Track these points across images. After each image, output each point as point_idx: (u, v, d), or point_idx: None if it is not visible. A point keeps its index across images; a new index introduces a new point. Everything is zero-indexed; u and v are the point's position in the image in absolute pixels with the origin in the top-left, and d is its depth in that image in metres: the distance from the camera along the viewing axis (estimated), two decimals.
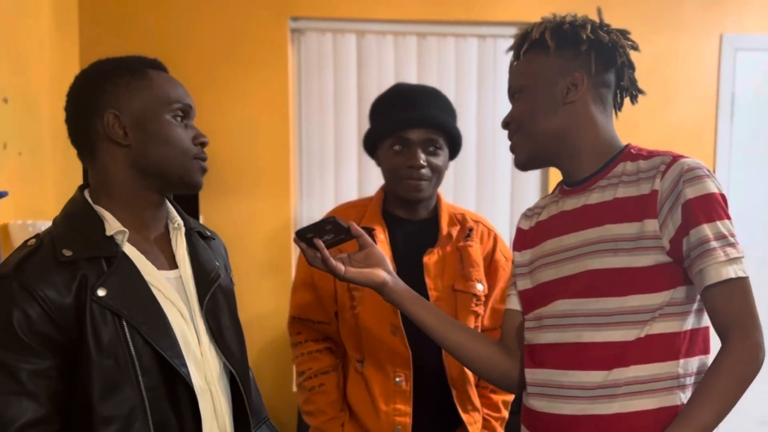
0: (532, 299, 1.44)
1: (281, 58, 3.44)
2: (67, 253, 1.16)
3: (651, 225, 1.28)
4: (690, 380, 1.29)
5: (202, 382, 1.24)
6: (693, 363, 1.30)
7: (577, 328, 1.33)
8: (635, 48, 1.43)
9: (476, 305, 1.87)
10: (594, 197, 1.37)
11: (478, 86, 3.62)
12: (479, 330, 1.89)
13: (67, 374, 1.13)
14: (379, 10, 3.48)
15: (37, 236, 1.21)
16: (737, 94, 3.65)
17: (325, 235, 1.48)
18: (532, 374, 1.40)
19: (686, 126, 3.58)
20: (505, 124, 1.47)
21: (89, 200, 1.26)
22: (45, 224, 1.26)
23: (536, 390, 1.39)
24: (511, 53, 1.49)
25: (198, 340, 1.26)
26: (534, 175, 3.70)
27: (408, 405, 1.80)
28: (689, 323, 1.30)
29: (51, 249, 1.17)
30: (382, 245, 1.81)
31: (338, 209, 2.00)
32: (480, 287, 1.86)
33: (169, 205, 1.36)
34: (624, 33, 1.42)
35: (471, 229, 1.92)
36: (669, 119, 3.54)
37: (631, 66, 1.42)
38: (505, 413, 1.97)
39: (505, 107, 4.17)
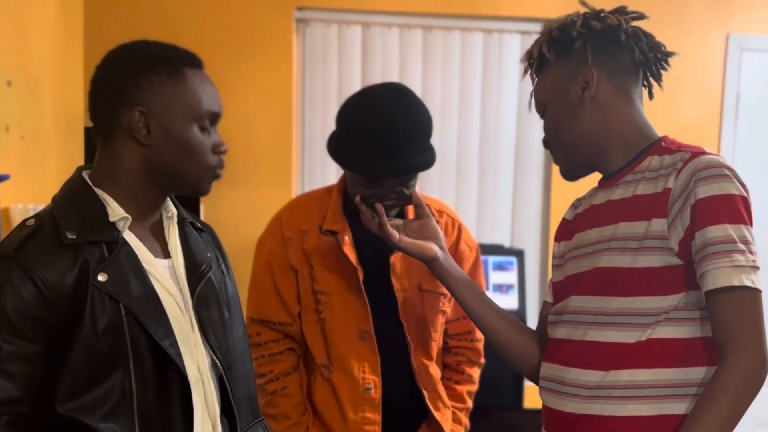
0: (560, 292, 1.43)
1: (286, 48, 3.43)
2: (71, 236, 1.14)
3: (658, 224, 1.24)
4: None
5: (195, 371, 1.23)
6: (709, 373, 1.22)
7: (585, 326, 1.32)
8: (639, 17, 1.37)
9: (444, 304, 1.83)
10: (618, 192, 1.34)
11: (482, 81, 3.61)
12: (444, 322, 1.86)
13: (55, 357, 1.12)
14: (385, 2, 3.47)
15: (36, 216, 1.19)
16: (742, 95, 3.64)
17: (387, 201, 1.54)
18: (544, 368, 1.41)
19: (691, 126, 3.57)
20: (545, 144, 1.46)
21: (89, 182, 1.23)
22: None
23: (545, 384, 1.40)
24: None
25: (192, 329, 1.26)
26: (536, 173, 3.70)
27: (377, 413, 1.76)
28: (706, 330, 1.23)
29: (54, 230, 1.15)
30: (347, 248, 1.76)
31: (296, 204, 1.91)
32: None
33: None
34: (620, 10, 1.37)
35: (437, 223, 1.84)
36: (674, 119, 3.52)
37: (638, 37, 1.36)
38: (470, 403, 1.93)
39: (508, 104, 4.15)
